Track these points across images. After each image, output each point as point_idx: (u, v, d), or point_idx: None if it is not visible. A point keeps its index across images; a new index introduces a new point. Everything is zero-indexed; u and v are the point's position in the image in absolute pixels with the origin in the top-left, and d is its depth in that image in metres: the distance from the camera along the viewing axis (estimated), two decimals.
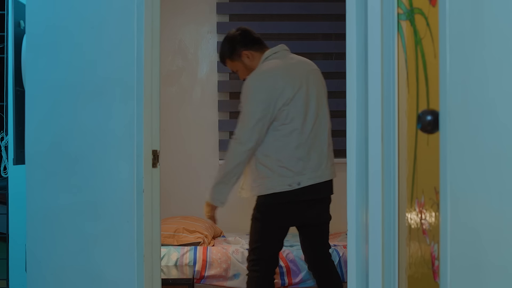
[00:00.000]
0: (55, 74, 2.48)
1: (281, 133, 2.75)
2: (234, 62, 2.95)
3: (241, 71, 2.95)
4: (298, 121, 2.77)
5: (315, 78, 2.91)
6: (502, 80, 1.05)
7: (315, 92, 2.87)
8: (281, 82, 2.75)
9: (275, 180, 2.75)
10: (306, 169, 2.77)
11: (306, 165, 2.78)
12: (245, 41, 2.93)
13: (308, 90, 2.83)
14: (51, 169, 2.49)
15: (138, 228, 2.31)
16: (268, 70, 2.79)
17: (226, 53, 2.96)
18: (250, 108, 2.74)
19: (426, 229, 1.53)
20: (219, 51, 3.02)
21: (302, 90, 2.79)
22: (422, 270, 1.58)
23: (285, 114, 2.74)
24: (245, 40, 2.93)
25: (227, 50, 2.95)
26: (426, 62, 1.51)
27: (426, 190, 1.52)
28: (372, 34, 1.80)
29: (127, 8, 2.31)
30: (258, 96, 2.74)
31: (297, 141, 2.76)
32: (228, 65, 3.00)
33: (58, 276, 2.49)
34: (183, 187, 4.54)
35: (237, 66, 2.96)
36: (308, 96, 2.82)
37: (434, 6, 1.44)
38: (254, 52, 2.91)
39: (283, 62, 2.86)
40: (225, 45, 2.96)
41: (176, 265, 3.54)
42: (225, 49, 2.96)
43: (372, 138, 1.82)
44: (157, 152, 2.36)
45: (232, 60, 2.95)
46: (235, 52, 2.92)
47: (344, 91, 1.98)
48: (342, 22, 2.28)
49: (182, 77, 4.59)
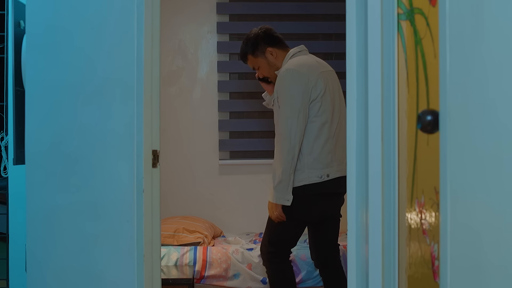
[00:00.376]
0: (55, 74, 2.48)
1: (314, 125, 2.85)
2: (257, 58, 3.05)
3: (263, 68, 3.06)
4: (328, 114, 2.88)
5: (335, 78, 3.04)
6: (502, 80, 1.05)
7: (337, 91, 2.99)
8: (314, 75, 2.87)
9: (305, 172, 2.85)
10: (333, 162, 2.89)
11: (334, 157, 2.90)
12: (269, 39, 3.04)
13: (333, 87, 2.95)
14: (51, 169, 2.49)
15: (138, 228, 2.31)
16: (302, 64, 2.89)
17: (249, 50, 3.06)
18: (291, 100, 2.83)
19: (426, 229, 1.53)
20: (240, 49, 3.11)
21: (329, 85, 2.92)
22: (422, 270, 1.58)
23: (317, 107, 2.85)
24: (269, 37, 3.05)
25: (250, 47, 3.05)
26: (426, 62, 1.51)
27: (426, 190, 1.52)
28: (372, 34, 1.80)
29: (127, 8, 2.31)
30: (296, 88, 2.84)
31: (327, 134, 2.88)
32: (249, 62, 3.10)
33: (58, 276, 2.49)
34: (183, 187, 4.54)
35: (260, 62, 3.06)
36: (334, 93, 2.95)
37: (434, 6, 1.44)
38: (277, 49, 3.03)
39: (311, 59, 2.98)
40: (248, 42, 3.06)
41: (176, 265, 3.54)
42: (248, 45, 3.06)
43: (372, 138, 1.82)
44: (157, 152, 2.36)
45: (256, 57, 3.05)
46: (259, 48, 3.03)
47: (344, 91, 1.98)
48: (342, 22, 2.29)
49: (182, 77, 4.58)
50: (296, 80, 2.84)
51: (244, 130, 4.55)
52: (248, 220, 4.54)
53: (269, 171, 4.53)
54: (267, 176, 4.55)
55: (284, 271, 3.02)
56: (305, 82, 2.83)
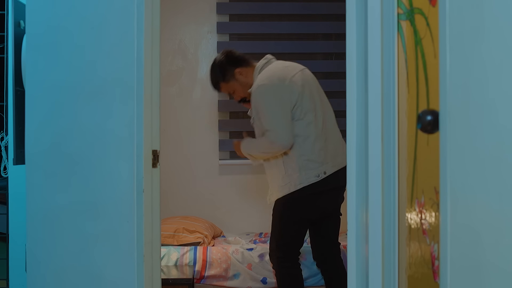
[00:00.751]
0: (55, 74, 2.48)
1: (299, 128, 2.87)
2: (229, 83, 3.06)
3: (238, 90, 3.07)
4: (311, 114, 2.89)
5: (309, 75, 3.03)
6: (502, 80, 1.05)
7: (314, 88, 2.99)
8: (286, 82, 2.88)
9: (303, 174, 2.87)
10: (327, 158, 2.91)
11: (327, 154, 2.92)
12: (234, 61, 3.06)
13: (309, 86, 2.95)
14: (51, 169, 2.49)
15: (138, 228, 2.31)
16: (271, 76, 2.90)
17: (219, 78, 3.07)
18: (272, 111, 2.85)
19: (426, 229, 1.53)
20: (211, 79, 3.14)
21: (305, 86, 2.92)
22: (422, 270, 1.58)
23: (299, 111, 2.87)
24: (233, 59, 3.06)
25: (219, 74, 3.07)
26: (426, 62, 1.51)
27: (426, 190, 1.52)
28: (372, 34, 1.80)
29: (127, 8, 2.31)
30: (273, 100, 2.85)
31: (315, 133, 2.89)
32: (223, 89, 3.12)
33: (58, 276, 2.49)
34: (183, 187, 4.54)
35: (233, 86, 3.07)
36: (311, 91, 2.95)
37: (434, 6, 1.44)
38: (245, 68, 3.04)
39: (280, 66, 2.98)
40: (215, 71, 3.08)
41: (176, 265, 3.54)
42: (217, 74, 3.08)
43: (372, 138, 1.82)
44: (157, 152, 2.36)
45: (227, 82, 3.06)
46: (228, 73, 3.04)
47: (344, 91, 1.98)
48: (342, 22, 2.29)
49: (182, 77, 4.58)
50: (270, 93, 2.86)
51: (244, 130, 4.55)
52: (248, 220, 4.54)
53: None
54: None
55: (295, 275, 3.03)
56: (281, 91, 2.85)
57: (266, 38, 4.60)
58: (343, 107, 2.03)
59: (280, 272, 3.03)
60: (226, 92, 3.13)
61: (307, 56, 4.63)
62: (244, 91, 3.05)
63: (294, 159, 2.87)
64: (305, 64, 4.56)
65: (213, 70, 3.09)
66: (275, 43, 4.57)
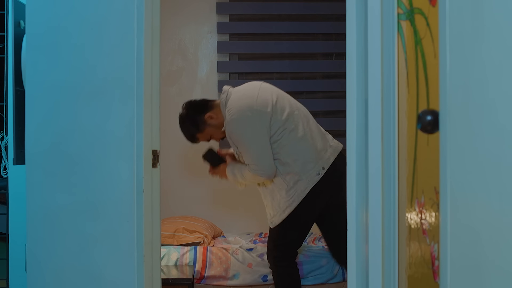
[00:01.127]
0: (55, 74, 2.48)
1: (282, 139, 2.88)
2: (204, 131, 3.05)
3: (214, 133, 3.06)
4: (289, 122, 2.91)
5: (268, 87, 3.03)
6: (502, 80, 1.05)
7: (279, 96, 2.99)
8: (254, 107, 2.86)
9: (304, 178, 2.90)
10: (320, 153, 2.94)
11: (317, 150, 2.94)
12: (199, 108, 3.04)
13: (276, 97, 2.95)
14: (51, 169, 2.49)
15: (138, 228, 2.31)
16: (239, 107, 2.88)
17: (193, 130, 3.06)
18: (250, 142, 2.87)
19: (426, 229, 1.53)
20: (185, 136, 3.12)
21: (270, 100, 2.91)
22: (422, 270, 1.58)
23: (275, 127, 2.88)
24: (197, 107, 3.05)
25: (192, 127, 3.06)
26: (426, 62, 1.51)
27: (426, 190, 1.52)
28: (372, 34, 1.80)
29: (127, 8, 2.31)
30: (249, 130, 2.87)
31: (299, 136, 2.91)
32: (201, 139, 3.11)
33: (58, 276, 2.49)
34: (183, 187, 4.54)
35: (209, 132, 3.06)
36: (279, 100, 2.94)
37: (434, 6, 1.44)
38: (211, 110, 3.02)
39: (239, 94, 2.96)
40: (187, 126, 3.07)
41: (176, 265, 3.54)
42: (189, 128, 3.07)
43: (372, 138, 1.82)
44: (157, 152, 2.36)
45: (202, 131, 3.05)
46: (199, 122, 3.02)
47: (344, 91, 1.98)
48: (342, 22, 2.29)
49: (182, 77, 4.58)
50: (243, 125, 2.86)
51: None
52: (248, 220, 4.54)
53: None
54: None
55: (292, 275, 3.05)
56: (252, 122, 2.85)
57: (266, 38, 4.60)
58: (343, 107, 2.03)
59: (277, 271, 3.03)
60: (204, 140, 3.12)
61: (307, 56, 4.63)
62: (219, 132, 3.04)
63: (292, 167, 2.88)
64: (305, 64, 4.60)
65: (184, 126, 3.08)
66: (275, 43, 4.57)
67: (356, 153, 1.92)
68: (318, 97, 4.65)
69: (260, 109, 2.86)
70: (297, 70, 4.58)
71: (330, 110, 4.60)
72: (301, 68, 4.58)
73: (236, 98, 2.92)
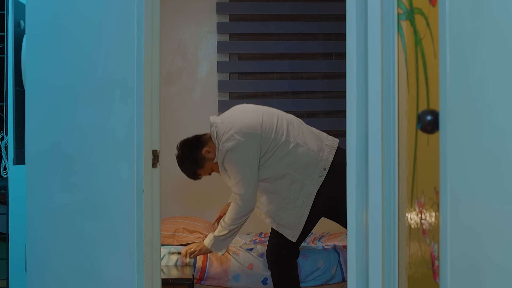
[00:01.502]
0: (55, 74, 2.48)
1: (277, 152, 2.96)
2: (204, 167, 3.12)
3: (214, 166, 3.12)
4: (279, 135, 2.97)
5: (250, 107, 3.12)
6: (502, 80, 1.05)
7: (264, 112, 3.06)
8: (241, 133, 2.93)
9: (309, 183, 2.96)
10: (319, 153, 2.99)
11: (314, 151, 2.98)
12: (194, 145, 3.11)
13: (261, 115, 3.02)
14: (51, 169, 2.49)
15: (138, 228, 2.31)
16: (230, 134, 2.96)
17: (195, 168, 3.14)
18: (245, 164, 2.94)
19: (426, 229, 1.53)
20: (187, 174, 3.22)
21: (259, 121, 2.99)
22: (422, 270, 1.58)
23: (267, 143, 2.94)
24: (192, 145, 3.12)
25: (192, 166, 3.13)
26: (426, 62, 1.51)
27: (426, 190, 1.52)
28: (372, 34, 1.80)
29: (127, 8, 2.31)
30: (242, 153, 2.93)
31: (292, 145, 2.96)
32: (203, 174, 3.20)
33: (58, 276, 2.49)
34: (183, 187, 4.54)
35: (209, 165, 3.12)
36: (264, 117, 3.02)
37: (434, 6, 1.44)
38: (206, 145, 3.09)
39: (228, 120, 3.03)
40: (187, 165, 3.15)
41: (176, 265, 3.53)
42: (189, 167, 3.14)
43: (372, 138, 1.82)
44: (157, 152, 2.36)
45: (203, 167, 3.12)
46: (198, 158, 3.09)
47: (344, 91, 1.98)
48: (342, 22, 2.29)
49: (182, 77, 4.58)
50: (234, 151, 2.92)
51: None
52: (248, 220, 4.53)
53: None
54: None
55: (291, 274, 3.10)
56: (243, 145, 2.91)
57: (266, 38, 4.60)
58: (343, 107, 2.03)
59: (276, 271, 3.04)
60: (206, 174, 3.19)
61: (307, 56, 4.63)
62: (217, 164, 3.10)
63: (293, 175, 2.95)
64: (305, 64, 4.60)
65: (184, 166, 3.14)
66: (275, 43, 4.57)
67: (356, 153, 1.92)
68: (318, 97, 4.65)
69: (249, 131, 2.92)
70: (297, 70, 4.58)
71: (330, 110, 4.59)
72: (301, 68, 4.58)
73: (225, 127, 2.99)
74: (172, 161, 4.46)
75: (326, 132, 3.19)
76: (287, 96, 4.59)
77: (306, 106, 4.57)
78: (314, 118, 4.56)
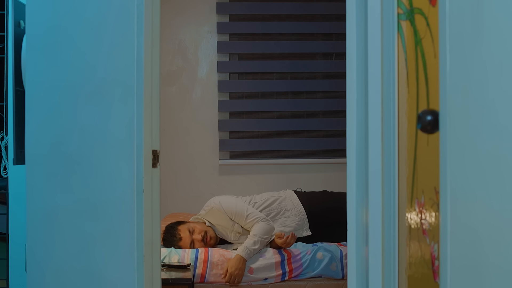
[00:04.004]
0: (55, 75, 2.48)
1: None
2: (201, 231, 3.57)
3: (209, 230, 3.57)
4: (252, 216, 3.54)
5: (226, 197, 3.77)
6: (502, 80, 1.05)
7: (238, 200, 3.64)
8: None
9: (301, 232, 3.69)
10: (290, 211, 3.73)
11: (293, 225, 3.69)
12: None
13: (235, 203, 3.59)
14: (51, 169, 2.49)
15: (138, 228, 2.31)
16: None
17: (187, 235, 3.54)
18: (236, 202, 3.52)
19: (426, 229, 1.53)
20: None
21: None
22: (422, 270, 1.58)
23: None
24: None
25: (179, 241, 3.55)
26: (426, 62, 1.51)
27: (426, 190, 1.52)
28: (372, 34, 1.80)
29: (127, 8, 2.31)
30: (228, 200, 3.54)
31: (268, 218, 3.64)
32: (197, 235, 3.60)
33: (58, 276, 2.49)
34: (183, 187, 4.54)
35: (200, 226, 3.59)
36: (236, 208, 3.56)
37: (434, 6, 1.44)
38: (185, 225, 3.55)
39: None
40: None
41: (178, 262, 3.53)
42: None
43: (372, 138, 1.82)
44: (157, 152, 2.36)
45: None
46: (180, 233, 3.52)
47: (344, 91, 1.98)
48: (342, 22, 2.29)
49: (182, 77, 4.58)
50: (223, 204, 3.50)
51: (244, 130, 4.55)
52: None
53: (269, 171, 4.54)
54: (267, 176, 4.55)
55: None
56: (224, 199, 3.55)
57: (266, 38, 4.60)
58: (343, 107, 2.03)
59: None
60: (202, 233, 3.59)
61: (307, 56, 4.63)
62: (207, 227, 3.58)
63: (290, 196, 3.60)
64: (305, 64, 4.60)
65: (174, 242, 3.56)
66: (275, 43, 4.57)
67: (356, 153, 1.92)
68: (318, 97, 4.65)
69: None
70: (297, 70, 4.58)
71: (330, 110, 4.59)
72: (301, 68, 4.58)
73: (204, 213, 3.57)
74: (172, 161, 4.47)
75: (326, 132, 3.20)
76: (287, 96, 4.59)
77: (306, 106, 4.57)
78: (314, 118, 4.56)
